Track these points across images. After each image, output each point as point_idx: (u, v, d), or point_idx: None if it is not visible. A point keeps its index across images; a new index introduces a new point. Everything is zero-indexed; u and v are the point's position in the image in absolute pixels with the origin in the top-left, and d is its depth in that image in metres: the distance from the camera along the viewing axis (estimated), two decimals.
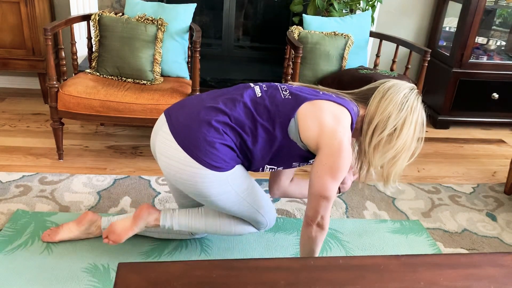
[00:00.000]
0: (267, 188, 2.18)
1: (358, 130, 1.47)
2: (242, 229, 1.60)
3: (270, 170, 1.49)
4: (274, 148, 1.39)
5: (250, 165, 1.45)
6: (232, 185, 1.42)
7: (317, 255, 1.49)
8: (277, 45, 3.27)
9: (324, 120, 1.35)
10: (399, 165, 1.43)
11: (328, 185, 1.34)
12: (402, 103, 1.39)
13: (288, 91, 1.43)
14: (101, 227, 1.68)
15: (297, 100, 1.38)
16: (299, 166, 1.49)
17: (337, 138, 1.33)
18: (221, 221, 1.59)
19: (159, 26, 2.29)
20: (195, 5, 2.42)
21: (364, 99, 1.47)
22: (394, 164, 1.42)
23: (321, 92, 1.43)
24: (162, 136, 1.39)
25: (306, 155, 1.42)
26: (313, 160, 1.42)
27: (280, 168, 1.49)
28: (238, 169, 1.43)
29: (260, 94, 1.41)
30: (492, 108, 3.10)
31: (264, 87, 1.45)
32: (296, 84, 1.53)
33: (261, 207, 1.55)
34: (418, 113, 1.42)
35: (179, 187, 1.43)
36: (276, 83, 1.50)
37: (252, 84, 1.48)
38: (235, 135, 1.36)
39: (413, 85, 1.47)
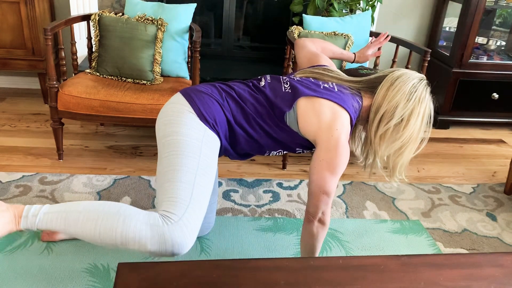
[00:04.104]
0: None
1: (364, 119, 1.47)
2: (133, 221, 1.15)
3: (277, 153, 1.50)
4: (276, 133, 1.40)
5: (252, 146, 1.44)
6: (204, 139, 1.29)
7: (318, 252, 1.49)
8: (277, 45, 3.27)
9: (322, 117, 1.35)
10: (405, 156, 1.43)
11: (327, 181, 1.34)
12: (411, 93, 1.38)
13: (288, 84, 1.44)
14: None
15: (295, 93, 1.39)
16: (303, 152, 1.50)
17: (334, 135, 1.33)
18: (108, 203, 1.22)
19: (159, 26, 2.29)
20: (195, 5, 2.42)
21: (371, 88, 1.47)
22: (400, 155, 1.42)
23: (322, 86, 1.43)
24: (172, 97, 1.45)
25: (307, 145, 1.44)
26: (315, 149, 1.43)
27: (285, 152, 1.50)
28: (216, 145, 1.35)
29: (263, 84, 1.45)
30: (492, 108, 3.10)
31: (268, 79, 1.49)
32: (299, 75, 1.53)
33: (199, 191, 1.22)
34: (426, 104, 1.41)
35: (158, 131, 1.34)
36: (280, 76, 1.52)
37: (259, 76, 1.53)
38: (236, 107, 1.38)
39: (422, 75, 1.46)
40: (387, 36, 1.88)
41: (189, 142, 1.26)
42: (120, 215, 1.16)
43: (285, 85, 1.43)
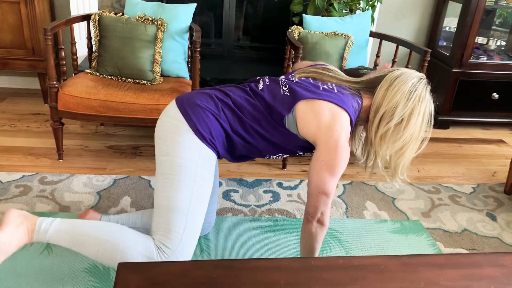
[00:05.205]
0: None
1: (364, 119, 1.47)
2: (136, 245, 1.28)
3: (277, 157, 1.50)
4: (275, 138, 1.40)
5: (251, 151, 1.44)
6: (200, 160, 1.34)
7: (317, 252, 1.49)
8: (277, 45, 3.27)
9: (321, 118, 1.35)
10: (406, 157, 1.42)
11: (326, 181, 1.34)
12: (410, 93, 1.37)
13: (287, 86, 1.43)
14: None
15: (294, 97, 1.38)
16: (303, 154, 1.50)
17: (333, 136, 1.33)
18: (115, 226, 1.35)
19: (159, 26, 2.29)
20: (195, 5, 2.42)
21: (371, 88, 1.45)
22: (402, 155, 1.41)
23: (321, 88, 1.43)
24: (168, 105, 1.44)
25: (307, 146, 1.43)
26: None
27: (286, 156, 1.50)
28: (213, 161, 1.40)
29: (261, 87, 1.44)
30: (492, 108, 3.10)
31: (267, 81, 1.48)
32: (298, 75, 1.52)
33: (193, 217, 1.32)
34: (426, 103, 1.40)
35: (156, 144, 1.39)
36: (279, 78, 1.51)
37: (258, 78, 1.52)
38: (233, 116, 1.37)
39: (422, 74, 1.45)
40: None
41: (185, 165, 1.31)
42: (120, 243, 1.28)
43: (283, 88, 1.42)
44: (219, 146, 1.38)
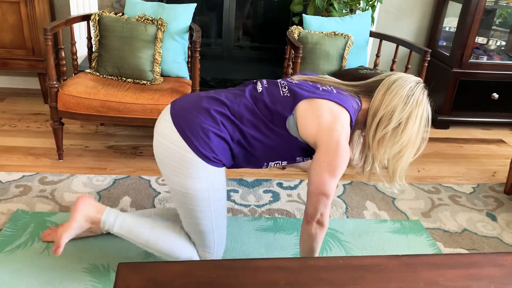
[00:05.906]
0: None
1: (362, 123, 1.47)
2: (185, 253, 1.51)
3: (275, 165, 1.49)
4: (275, 142, 1.39)
5: (250, 160, 1.44)
6: (210, 185, 1.39)
7: (317, 253, 1.49)
8: (277, 45, 3.27)
9: (321, 118, 1.34)
10: (404, 161, 1.42)
11: (326, 182, 1.34)
12: (408, 97, 1.37)
13: (287, 87, 1.43)
14: None
15: (295, 97, 1.38)
16: (303, 160, 1.49)
17: (334, 136, 1.32)
18: (167, 235, 1.51)
19: (159, 26, 2.29)
20: (195, 5, 2.42)
21: (368, 92, 1.46)
22: (400, 160, 1.41)
23: (320, 89, 1.42)
24: (162, 119, 1.42)
25: (308, 149, 1.42)
26: None
27: (285, 163, 1.49)
28: (222, 174, 1.43)
29: (260, 90, 1.43)
30: (492, 108, 3.10)
31: (265, 84, 1.47)
32: (296, 78, 1.52)
33: (218, 227, 1.49)
34: (423, 107, 1.40)
35: (162, 169, 1.41)
36: (277, 80, 1.50)
37: (255, 80, 1.51)
38: (232, 127, 1.37)
39: (419, 78, 1.45)
40: None
41: (198, 196, 1.39)
42: (171, 254, 1.50)
43: (283, 89, 1.42)
44: (224, 159, 1.39)
